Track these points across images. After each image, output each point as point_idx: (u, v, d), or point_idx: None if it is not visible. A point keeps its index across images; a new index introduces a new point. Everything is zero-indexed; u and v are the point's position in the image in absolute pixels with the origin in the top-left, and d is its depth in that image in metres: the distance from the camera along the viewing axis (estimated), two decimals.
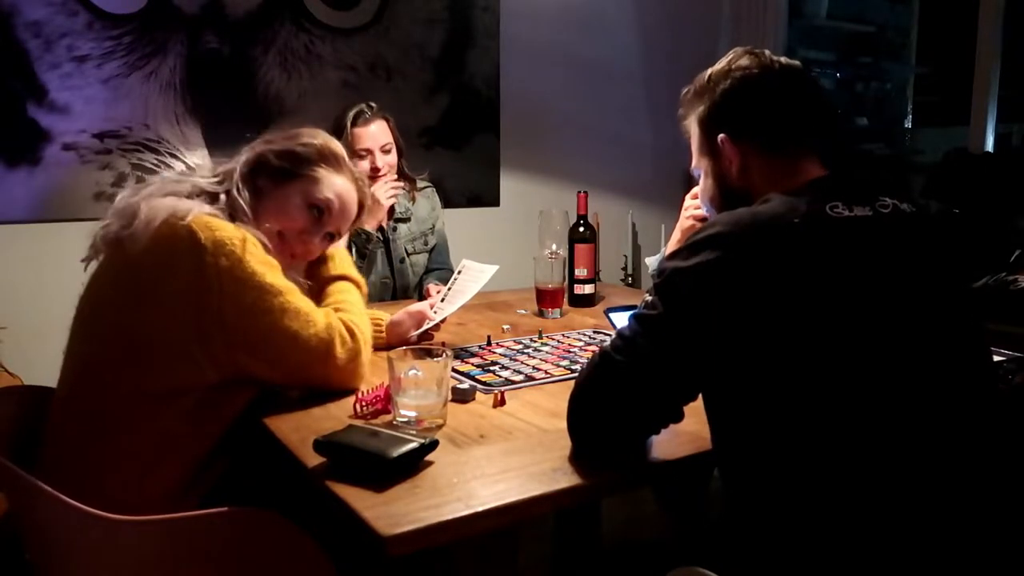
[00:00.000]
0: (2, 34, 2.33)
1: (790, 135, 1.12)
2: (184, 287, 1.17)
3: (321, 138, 1.42)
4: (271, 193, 1.36)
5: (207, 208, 1.25)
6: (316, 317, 1.28)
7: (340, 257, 1.55)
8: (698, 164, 1.23)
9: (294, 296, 1.26)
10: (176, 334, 1.19)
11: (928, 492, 0.92)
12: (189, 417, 1.22)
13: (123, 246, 1.21)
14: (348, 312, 1.38)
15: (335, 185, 1.40)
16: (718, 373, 0.98)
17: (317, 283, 1.49)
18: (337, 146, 1.44)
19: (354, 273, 1.54)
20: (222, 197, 1.31)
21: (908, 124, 4.41)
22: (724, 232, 0.96)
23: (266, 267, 1.24)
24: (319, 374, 1.30)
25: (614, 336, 1.04)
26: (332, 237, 1.46)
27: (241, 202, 1.31)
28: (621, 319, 1.52)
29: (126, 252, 1.21)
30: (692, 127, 1.22)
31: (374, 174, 2.29)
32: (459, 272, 1.80)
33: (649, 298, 1.01)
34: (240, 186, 1.33)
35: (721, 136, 1.15)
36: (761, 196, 1.05)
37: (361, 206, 1.48)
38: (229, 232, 1.21)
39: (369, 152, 2.28)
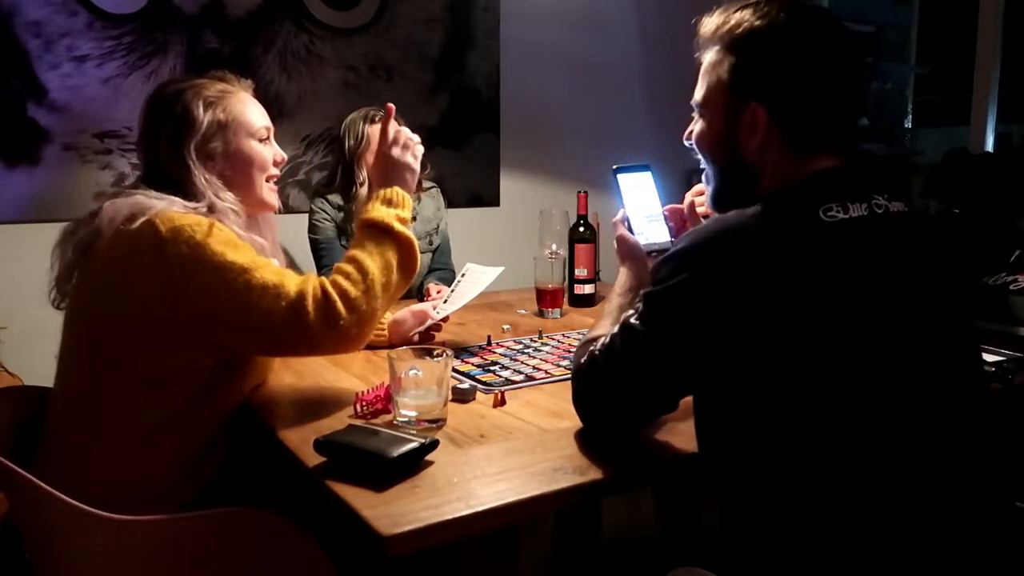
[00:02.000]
0: (2, 34, 2.33)
1: (832, 131, 1.01)
2: (152, 282, 1.18)
3: (200, 97, 1.33)
4: (234, 167, 1.36)
5: (178, 207, 1.24)
6: (286, 288, 1.21)
7: (373, 205, 1.34)
8: (703, 114, 1.09)
9: (262, 271, 1.21)
10: (151, 327, 1.19)
11: (921, 495, 0.91)
12: (185, 403, 1.24)
13: (91, 247, 1.23)
14: (338, 272, 1.25)
15: (251, 110, 1.39)
16: (707, 383, 0.98)
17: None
18: (210, 88, 1.36)
19: (378, 215, 1.31)
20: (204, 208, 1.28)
21: (908, 124, 4.40)
22: (691, 248, 0.95)
23: (228, 247, 1.21)
24: (298, 342, 1.23)
25: (607, 338, 1.05)
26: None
27: (229, 206, 1.31)
28: (628, 180, 1.35)
29: (94, 252, 1.23)
30: (713, 68, 1.06)
31: None
32: (463, 275, 1.81)
33: (640, 306, 1.00)
34: (220, 195, 1.31)
35: (754, 104, 1.00)
36: (766, 179, 1.02)
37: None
38: (190, 219, 1.21)
39: None
